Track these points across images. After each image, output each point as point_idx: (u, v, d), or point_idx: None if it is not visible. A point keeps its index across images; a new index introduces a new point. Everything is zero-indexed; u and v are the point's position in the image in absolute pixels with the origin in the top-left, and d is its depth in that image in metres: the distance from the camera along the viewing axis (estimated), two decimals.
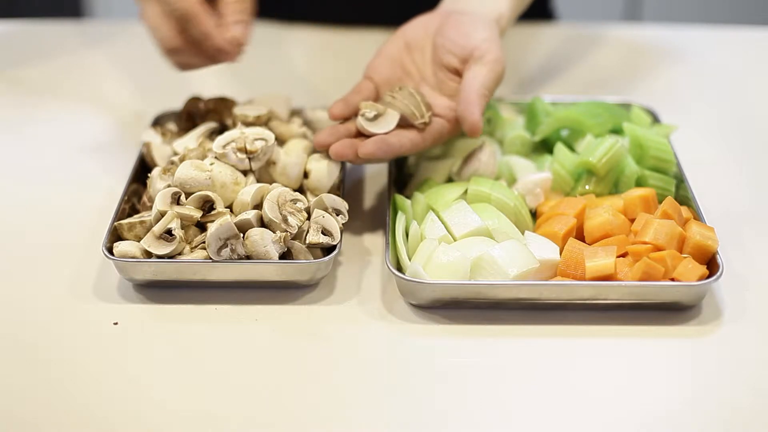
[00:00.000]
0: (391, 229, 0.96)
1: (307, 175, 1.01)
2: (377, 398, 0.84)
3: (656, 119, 1.14)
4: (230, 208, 0.96)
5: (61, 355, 0.89)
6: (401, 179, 1.08)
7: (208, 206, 0.95)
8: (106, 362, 0.88)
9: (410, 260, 0.93)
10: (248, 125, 1.03)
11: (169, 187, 0.96)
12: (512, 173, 1.05)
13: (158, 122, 1.14)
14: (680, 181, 1.03)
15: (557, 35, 1.46)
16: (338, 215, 0.96)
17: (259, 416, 0.83)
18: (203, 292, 0.95)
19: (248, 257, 0.92)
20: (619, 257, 0.92)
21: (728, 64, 1.39)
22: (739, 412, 0.83)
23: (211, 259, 0.92)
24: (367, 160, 0.99)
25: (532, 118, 1.11)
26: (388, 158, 1.01)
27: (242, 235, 0.92)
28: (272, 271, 0.92)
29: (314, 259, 0.94)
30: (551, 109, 1.12)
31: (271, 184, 0.97)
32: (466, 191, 1.00)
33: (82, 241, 1.02)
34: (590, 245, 0.94)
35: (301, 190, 1.01)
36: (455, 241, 0.95)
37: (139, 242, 0.93)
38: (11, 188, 1.12)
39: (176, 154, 1.04)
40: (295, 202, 0.95)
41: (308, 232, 0.94)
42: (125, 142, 1.19)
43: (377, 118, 1.00)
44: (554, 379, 0.86)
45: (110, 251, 0.93)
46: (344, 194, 1.01)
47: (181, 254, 0.93)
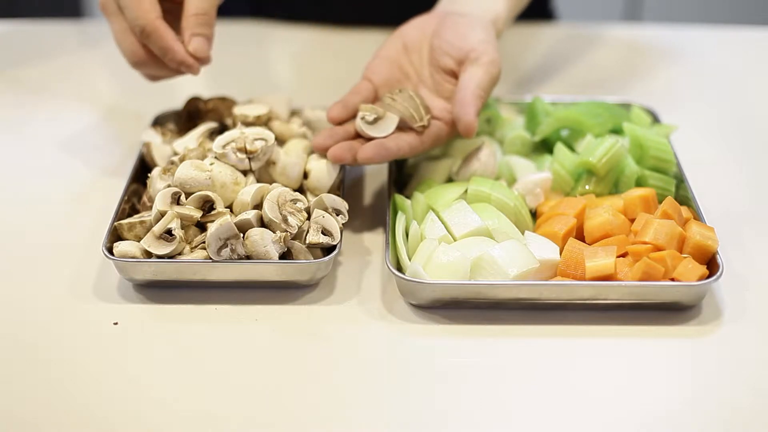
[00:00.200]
0: (391, 229, 0.96)
1: (307, 175, 1.01)
2: (377, 398, 0.84)
3: (656, 119, 1.14)
4: (230, 208, 0.96)
5: (61, 355, 0.89)
6: (401, 179, 1.08)
7: (208, 206, 0.95)
8: (106, 362, 0.88)
9: (410, 260, 0.93)
10: (248, 125, 1.03)
11: (169, 187, 0.96)
12: (512, 173, 1.05)
13: (158, 122, 1.14)
14: (680, 181, 1.03)
15: (557, 35, 1.46)
16: (338, 215, 0.96)
17: (259, 416, 0.83)
18: (203, 292, 0.95)
19: (248, 257, 0.92)
20: (619, 257, 0.92)
21: (728, 64, 1.39)
22: (739, 412, 0.83)
23: (211, 259, 0.92)
24: (365, 164, 0.99)
25: (532, 118, 1.11)
26: (386, 161, 1.01)
27: (242, 235, 0.92)
28: (272, 271, 0.92)
29: (314, 259, 0.94)
30: (551, 109, 1.12)
31: (271, 184, 0.97)
32: (466, 191, 1.00)
33: (82, 241, 1.02)
34: (590, 245, 0.94)
35: (301, 190, 1.01)
36: (455, 241, 0.95)
37: (139, 242, 0.93)
38: (11, 188, 1.12)
39: (176, 154, 1.04)
40: (295, 202, 0.95)
41: (308, 232, 0.94)
42: (125, 142, 1.19)
43: (377, 121, 1.00)
44: (554, 379, 0.86)
45: (110, 251, 0.93)
46: (344, 194, 1.01)
47: (181, 254, 0.93)
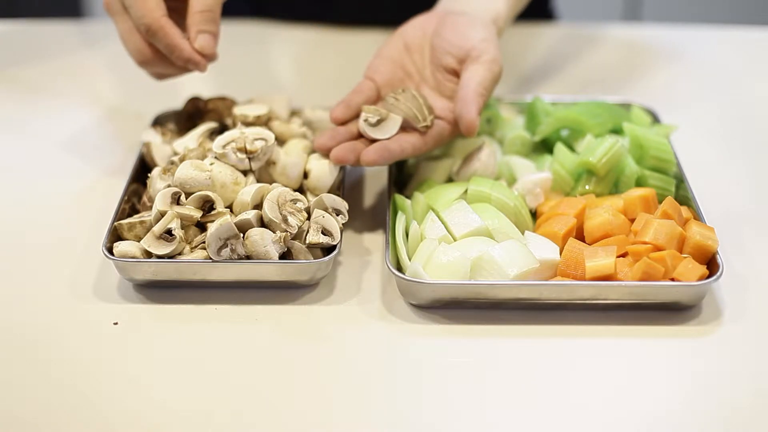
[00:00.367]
0: (391, 229, 0.96)
1: (307, 175, 1.01)
2: (377, 398, 0.84)
3: (656, 119, 1.14)
4: (230, 208, 0.96)
5: (61, 355, 0.89)
6: (401, 179, 1.08)
7: (208, 206, 0.95)
8: (106, 362, 0.88)
9: (410, 260, 0.93)
10: (248, 125, 1.03)
11: (169, 187, 0.96)
12: (512, 173, 1.05)
13: (158, 122, 1.14)
14: (680, 181, 1.03)
15: (557, 35, 1.46)
16: (338, 215, 0.96)
17: (259, 416, 0.83)
18: (203, 292, 0.95)
19: (248, 257, 0.92)
20: (619, 257, 0.92)
21: (728, 64, 1.39)
22: (739, 412, 0.83)
23: (211, 259, 0.92)
24: (368, 165, 0.99)
25: (532, 118, 1.11)
26: (389, 163, 1.01)
27: (242, 235, 0.92)
28: (272, 271, 0.92)
29: (314, 259, 0.94)
30: (551, 109, 1.12)
31: (271, 184, 0.97)
32: (466, 191, 1.00)
33: (82, 241, 1.02)
34: (590, 245, 0.94)
35: (301, 190, 1.01)
36: (455, 241, 0.95)
37: (139, 242, 0.93)
38: (11, 188, 1.12)
39: (176, 154, 1.04)
40: (295, 202, 0.95)
41: (308, 232, 0.94)
42: (125, 142, 1.19)
43: (380, 123, 1.00)
44: (554, 379, 0.86)
45: (110, 251, 0.93)
46: (344, 194, 1.01)
47: (181, 254, 0.93)
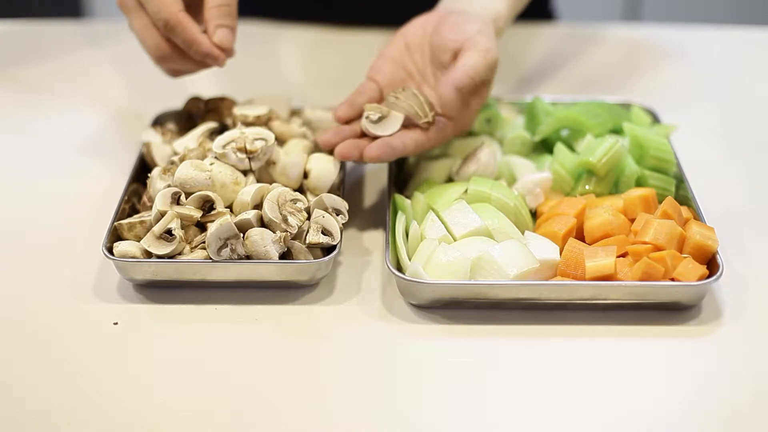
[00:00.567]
0: (391, 229, 0.96)
1: (307, 175, 1.01)
2: (377, 398, 0.84)
3: (656, 119, 1.14)
4: (230, 208, 0.96)
5: (61, 355, 0.89)
6: (401, 179, 1.08)
7: (208, 206, 0.95)
8: (106, 362, 0.88)
9: (410, 260, 0.93)
10: (248, 125, 1.03)
11: (169, 187, 0.96)
12: (512, 173, 1.05)
13: (158, 122, 1.14)
14: (680, 181, 1.03)
15: (557, 35, 1.46)
16: (338, 215, 0.96)
17: (259, 416, 0.83)
18: (203, 292, 0.95)
19: (248, 257, 0.92)
20: (619, 257, 0.92)
21: (728, 64, 1.39)
22: (739, 412, 0.83)
23: (211, 259, 0.92)
24: (372, 162, 0.99)
25: (532, 118, 1.11)
26: (392, 159, 1.01)
27: (242, 235, 0.92)
28: (272, 271, 0.92)
29: (314, 259, 0.94)
30: (551, 109, 1.12)
31: (271, 184, 0.97)
32: (466, 191, 1.00)
33: (82, 241, 1.02)
34: (590, 245, 0.94)
35: (301, 190, 1.01)
36: (455, 241, 0.95)
37: (139, 242, 0.93)
38: (11, 188, 1.12)
39: (176, 154, 1.04)
40: (295, 202, 0.95)
41: (308, 232, 0.94)
42: (125, 142, 1.19)
43: (381, 120, 1.00)
44: (554, 379, 0.86)
45: (110, 251, 0.93)
46: (344, 194, 1.01)
47: (181, 254, 0.93)
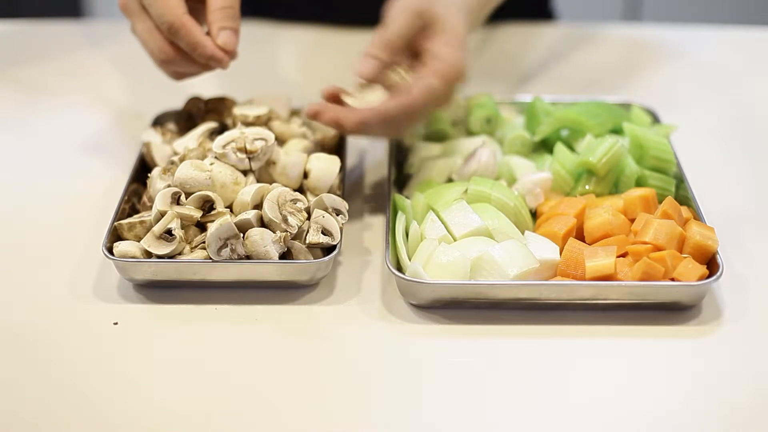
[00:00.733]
0: (391, 229, 0.96)
1: (307, 175, 1.01)
2: (377, 398, 0.84)
3: (656, 119, 1.14)
4: (230, 208, 0.96)
5: (61, 355, 0.89)
6: (401, 179, 1.08)
7: (208, 206, 0.95)
8: (106, 362, 0.88)
9: (410, 260, 0.93)
10: (248, 125, 1.03)
11: (169, 187, 0.96)
12: (512, 173, 1.05)
13: (158, 122, 1.14)
14: (680, 181, 1.03)
15: (557, 35, 1.46)
16: (338, 215, 0.96)
17: (259, 416, 0.83)
18: (203, 292, 0.95)
19: (248, 257, 0.92)
20: (619, 257, 0.92)
21: (728, 64, 1.39)
22: (739, 412, 0.83)
23: (211, 259, 0.92)
24: (360, 129, 0.98)
25: (532, 118, 1.11)
26: (383, 126, 1.00)
27: (242, 235, 0.92)
28: (272, 271, 0.92)
29: (314, 259, 0.94)
30: (551, 109, 1.12)
31: (271, 184, 0.97)
32: (466, 191, 1.00)
33: (82, 241, 1.02)
34: (590, 245, 0.94)
35: (301, 190, 1.01)
36: (455, 241, 0.95)
37: (139, 242, 0.93)
38: (11, 188, 1.12)
39: (176, 154, 1.04)
40: (295, 202, 0.95)
41: (308, 232, 0.94)
42: (125, 142, 1.19)
43: (363, 93, 1.01)
44: (554, 379, 0.86)
45: (110, 251, 0.93)
46: (344, 194, 1.01)
47: (181, 254, 0.93)
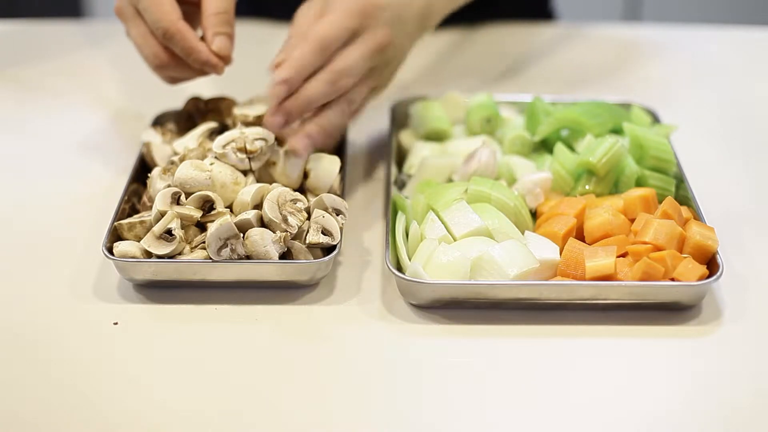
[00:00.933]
0: (391, 229, 0.96)
1: (307, 175, 1.01)
2: (377, 398, 0.84)
3: (656, 119, 1.14)
4: (230, 208, 0.96)
5: (61, 354, 0.89)
6: (401, 179, 1.08)
7: (208, 206, 0.95)
8: (106, 362, 0.88)
9: (410, 260, 0.93)
10: (248, 125, 1.03)
11: (169, 187, 0.96)
12: (512, 173, 1.05)
13: (158, 122, 1.14)
14: (680, 181, 1.03)
15: (557, 35, 1.46)
16: (338, 215, 0.96)
17: (259, 416, 0.83)
18: (203, 292, 0.95)
19: (248, 257, 0.92)
20: (619, 257, 0.92)
21: (728, 64, 1.39)
22: (739, 412, 0.83)
23: (211, 259, 0.92)
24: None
25: (532, 118, 1.11)
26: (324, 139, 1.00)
27: (242, 235, 0.92)
28: (272, 271, 0.92)
29: (314, 259, 0.94)
30: (551, 109, 1.12)
31: (271, 184, 0.97)
32: (466, 191, 1.00)
33: (82, 241, 1.02)
34: (590, 245, 0.94)
35: (301, 190, 1.01)
36: (455, 241, 0.95)
37: (139, 242, 0.93)
38: (11, 188, 1.12)
39: (176, 154, 1.04)
40: (295, 202, 0.95)
41: (308, 232, 0.94)
42: (125, 142, 1.19)
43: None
44: (554, 379, 0.86)
45: (110, 251, 0.93)
46: (344, 194, 1.01)
47: (181, 254, 0.93)
